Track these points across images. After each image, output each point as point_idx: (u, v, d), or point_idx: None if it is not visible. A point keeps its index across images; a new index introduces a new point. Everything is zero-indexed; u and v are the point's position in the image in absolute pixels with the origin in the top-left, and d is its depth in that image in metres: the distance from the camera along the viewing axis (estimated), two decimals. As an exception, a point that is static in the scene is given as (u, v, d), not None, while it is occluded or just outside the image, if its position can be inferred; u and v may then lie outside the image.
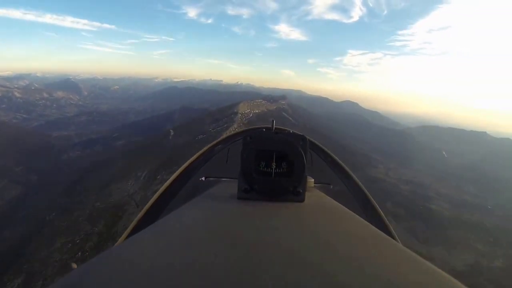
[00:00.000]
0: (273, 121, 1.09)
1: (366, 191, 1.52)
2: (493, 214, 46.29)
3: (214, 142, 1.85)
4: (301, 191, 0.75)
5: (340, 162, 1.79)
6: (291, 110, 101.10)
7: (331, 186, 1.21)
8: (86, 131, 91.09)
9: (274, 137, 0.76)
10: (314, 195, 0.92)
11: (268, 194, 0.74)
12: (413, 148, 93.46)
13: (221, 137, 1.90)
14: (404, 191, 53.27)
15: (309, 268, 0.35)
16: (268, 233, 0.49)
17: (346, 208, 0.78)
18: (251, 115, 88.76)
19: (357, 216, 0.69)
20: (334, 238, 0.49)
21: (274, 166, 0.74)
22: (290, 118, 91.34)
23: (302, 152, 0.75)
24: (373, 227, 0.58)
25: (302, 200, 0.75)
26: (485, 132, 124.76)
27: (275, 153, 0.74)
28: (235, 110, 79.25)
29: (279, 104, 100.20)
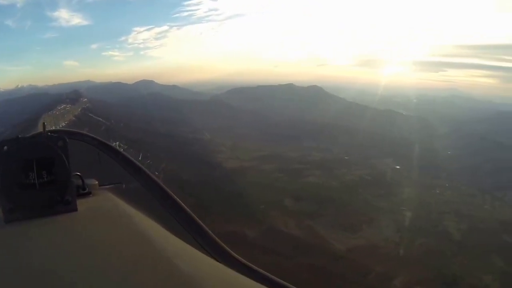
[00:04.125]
0: (43, 123, 0.99)
1: (162, 184, 1.55)
2: (355, 164, 51.14)
3: None
4: (70, 199, 0.70)
5: (131, 158, 1.72)
6: (95, 108, 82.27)
7: (124, 185, 1.15)
8: None
9: (31, 142, 0.69)
10: (96, 199, 0.85)
11: (36, 210, 0.67)
12: (231, 115, 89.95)
13: None
14: (273, 173, 47.01)
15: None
16: (28, 257, 0.45)
17: (129, 208, 0.71)
18: (61, 131, 55.74)
19: (139, 215, 0.64)
20: (98, 247, 0.47)
21: (35, 176, 0.66)
22: (100, 119, 70.26)
23: (63, 155, 0.69)
24: (152, 225, 0.52)
25: (75, 209, 0.70)
26: (292, 83, 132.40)
27: (35, 161, 0.66)
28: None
29: (82, 103, 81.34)
